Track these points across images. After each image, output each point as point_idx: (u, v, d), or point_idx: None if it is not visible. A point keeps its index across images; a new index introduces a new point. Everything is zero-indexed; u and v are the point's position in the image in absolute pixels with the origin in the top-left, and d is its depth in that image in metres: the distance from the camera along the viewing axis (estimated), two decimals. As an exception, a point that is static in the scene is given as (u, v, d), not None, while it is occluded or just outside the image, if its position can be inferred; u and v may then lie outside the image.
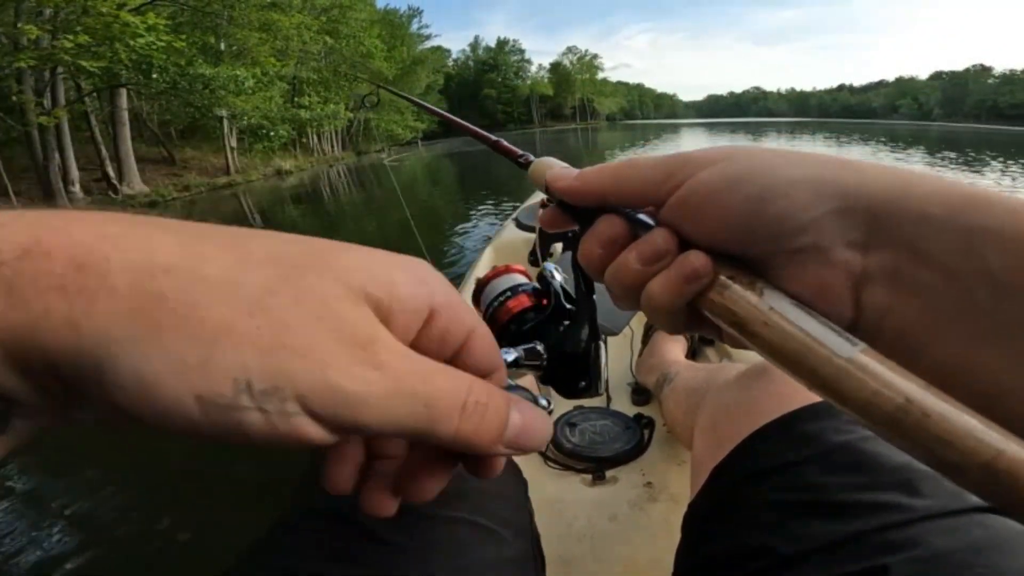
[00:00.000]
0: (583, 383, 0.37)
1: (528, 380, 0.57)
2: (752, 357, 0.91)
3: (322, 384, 0.14)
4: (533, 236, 1.45)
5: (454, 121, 0.45)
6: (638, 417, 0.97)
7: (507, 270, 0.49)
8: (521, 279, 0.47)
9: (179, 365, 0.13)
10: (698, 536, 0.40)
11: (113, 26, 9.64)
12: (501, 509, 0.38)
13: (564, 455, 0.90)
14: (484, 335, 0.20)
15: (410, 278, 0.17)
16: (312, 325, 0.14)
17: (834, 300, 0.19)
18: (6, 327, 0.12)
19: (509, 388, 0.22)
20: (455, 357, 0.19)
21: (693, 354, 1.12)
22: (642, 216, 0.24)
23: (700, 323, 0.23)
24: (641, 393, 1.05)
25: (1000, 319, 0.16)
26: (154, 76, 11.75)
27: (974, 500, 0.29)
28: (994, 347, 0.16)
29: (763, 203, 0.19)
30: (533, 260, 1.48)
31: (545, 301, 0.41)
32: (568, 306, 0.39)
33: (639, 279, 0.22)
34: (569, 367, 0.37)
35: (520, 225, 2.02)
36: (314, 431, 0.14)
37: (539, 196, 1.93)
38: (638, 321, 1.17)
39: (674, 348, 1.04)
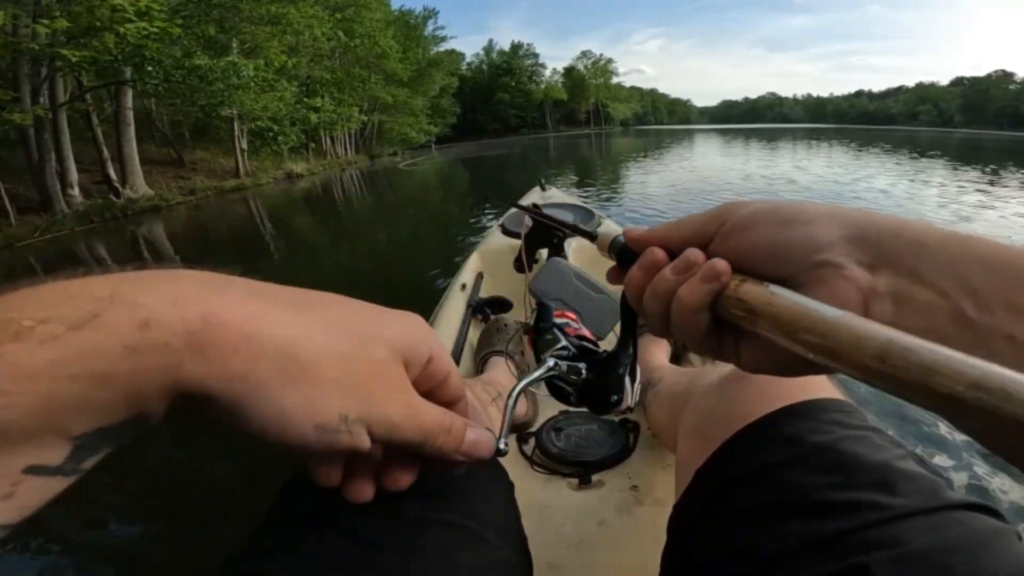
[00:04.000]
0: (615, 397, 0.46)
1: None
2: None
3: (382, 417, 0.23)
4: (519, 242, 1.38)
5: (549, 219, 0.53)
6: (624, 421, 0.97)
7: (562, 315, 0.70)
8: (571, 321, 0.66)
9: (308, 406, 0.21)
10: (683, 539, 0.41)
11: (99, 11, 8.67)
12: (487, 512, 0.37)
13: (550, 459, 0.90)
14: (456, 375, 0.30)
15: (419, 338, 0.27)
16: (377, 380, 0.24)
17: (847, 309, 0.21)
18: (188, 376, 0.18)
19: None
20: (439, 387, 0.29)
21: (677, 359, 1.09)
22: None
23: (719, 338, 0.28)
24: None
25: (985, 330, 0.19)
26: (148, 69, 10.75)
27: (950, 498, 0.30)
28: (982, 350, 0.18)
29: (791, 226, 0.25)
30: (518, 267, 1.38)
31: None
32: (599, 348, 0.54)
33: (671, 287, 0.28)
34: (606, 387, 0.46)
35: (506, 231, 1.94)
36: (367, 442, 0.23)
37: (525, 203, 1.64)
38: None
39: (658, 353, 1.02)
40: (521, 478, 0.86)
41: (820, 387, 0.41)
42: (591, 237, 0.39)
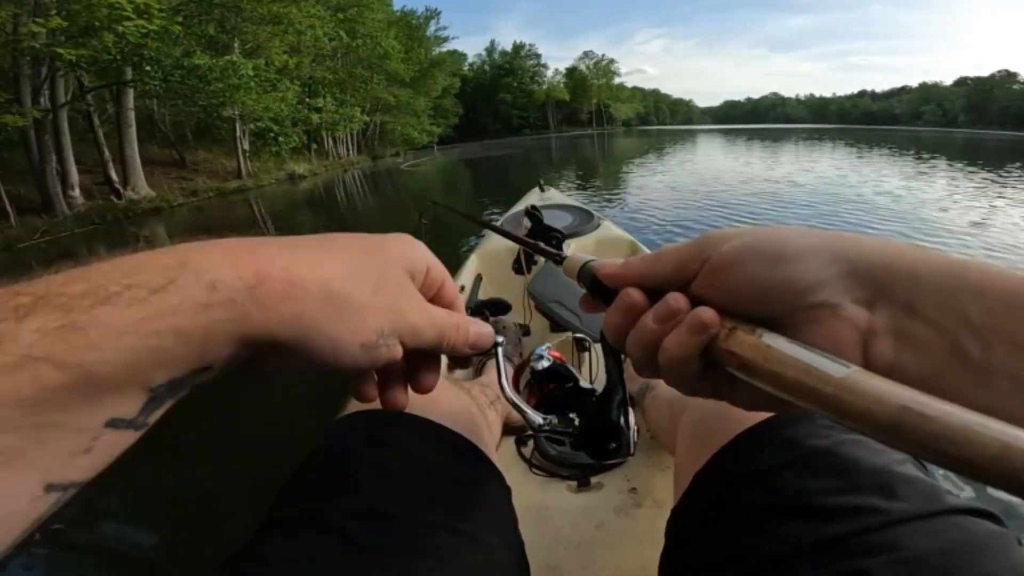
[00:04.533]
0: (614, 445, 0.43)
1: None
2: None
3: (408, 326, 0.27)
4: (517, 245, 1.41)
5: (518, 239, 0.54)
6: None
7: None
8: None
9: (352, 330, 0.24)
10: (681, 542, 0.40)
11: (97, 9, 8.52)
12: (484, 515, 0.38)
13: (549, 462, 0.89)
14: (450, 283, 0.33)
15: (417, 253, 0.30)
16: (397, 295, 0.27)
17: (846, 352, 0.21)
18: (255, 325, 0.21)
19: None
20: (437, 293, 0.32)
21: None
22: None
23: (712, 380, 0.26)
24: None
25: (987, 368, 0.19)
26: (147, 68, 10.66)
27: (949, 502, 0.30)
28: (985, 389, 0.19)
29: (778, 265, 0.23)
30: (517, 269, 1.44)
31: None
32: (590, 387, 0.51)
33: (655, 338, 0.26)
34: (602, 434, 0.43)
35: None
36: (400, 351, 0.27)
37: (523, 205, 1.84)
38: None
39: None
40: (520, 480, 0.88)
41: None
42: (557, 261, 0.38)
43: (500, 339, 0.35)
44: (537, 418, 0.42)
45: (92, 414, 0.17)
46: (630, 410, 0.45)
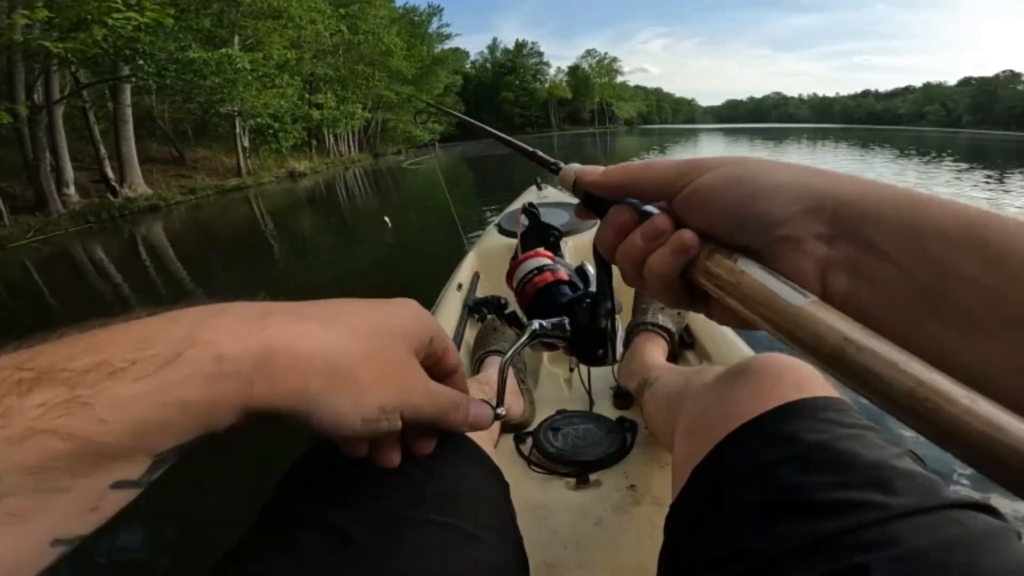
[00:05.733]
0: (601, 351, 0.48)
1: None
2: (729, 359, 0.99)
3: (409, 403, 0.28)
4: (515, 242, 1.14)
5: (502, 138, 0.55)
6: (621, 420, 0.97)
7: (536, 254, 0.64)
8: (547, 261, 0.62)
9: (354, 404, 0.25)
10: (680, 539, 0.40)
11: (86, 1, 8.21)
12: (481, 512, 0.38)
13: (548, 459, 0.89)
14: (452, 348, 0.34)
15: (422, 325, 0.31)
16: (400, 372, 0.28)
17: (806, 282, 0.24)
18: (259, 397, 0.22)
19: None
20: (440, 360, 0.33)
21: (674, 357, 1.10)
22: (647, 207, 0.31)
23: (691, 297, 0.30)
24: (623, 397, 1.05)
25: (942, 300, 0.20)
26: (140, 63, 10.29)
27: (948, 497, 0.30)
28: (940, 323, 0.20)
29: (753, 200, 0.25)
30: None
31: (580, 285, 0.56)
32: (591, 289, 0.53)
33: (642, 254, 0.30)
34: (591, 339, 0.48)
35: (502, 231, 1.98)
36: (399, 424, 0.28)
37: (521, 202, 1.81)
38: (619, 325, 1.06)
39: (655, 352, 1.03)
40: (518, 478, 0.87)
41: (816, 386, 0.40)
42: (554, 170, 0.40)
43: (501, 411, 0.38)
44: (535, 323, 0.46)
45: (98, 478, 0.18)
46: (616, 318, 0.48)
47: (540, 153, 0.44)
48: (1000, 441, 0.15)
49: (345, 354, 0.25)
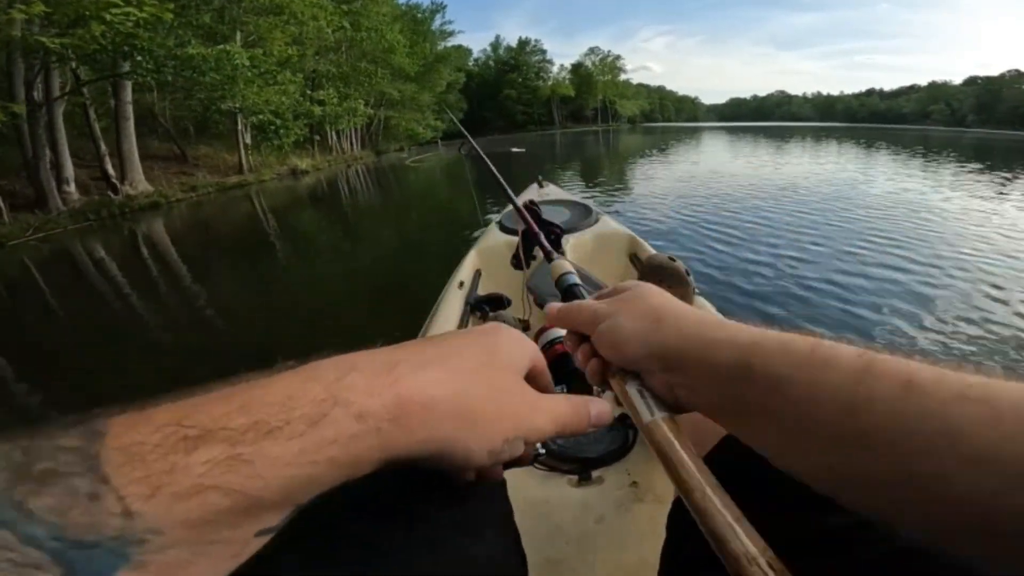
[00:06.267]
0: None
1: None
2: None
3: (531, 428, 0.30)
4: (516, 239, 1.40)
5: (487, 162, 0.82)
6: (623, 418, 0.96)
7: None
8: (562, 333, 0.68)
9: (481, 440, 0.27)
10: (682, 535, 0.41)
11: None
12: (478, 507, 0.38)
13: (550, 456, 0.89)
14: (544, 368, 0.37)
15: (524, 351, 0.34)
16: (518, 400, 0.31)
17: (666, 396, 0.34)
18: (397, 447, 0.24)
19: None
20: (537, 376, 0.36)
21: None
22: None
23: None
24: None
25: (729, 402, 0.30)
26: (139, 59, 10.18)
27: None
28: (731, 419, 0.31)
29: (621, 347, 0.36)
30: (516, 264, 1.43)
31: None
32: None
33: (583, 363, 0.41)
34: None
35: (504, 228, 2.02)
36: (522, 449, 0.30)
37: (522, 200, 1.79)
38: None
39: None
40: (521, 475, 0.87)
41: None
42: (549, 258, 0.56)
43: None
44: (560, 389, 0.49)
45: (247, 528, 0.20)
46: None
47: (543, 240, 0.58)
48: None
49: (469, 395, 0.27)
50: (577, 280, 0.59)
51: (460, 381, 0.28)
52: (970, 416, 0.20)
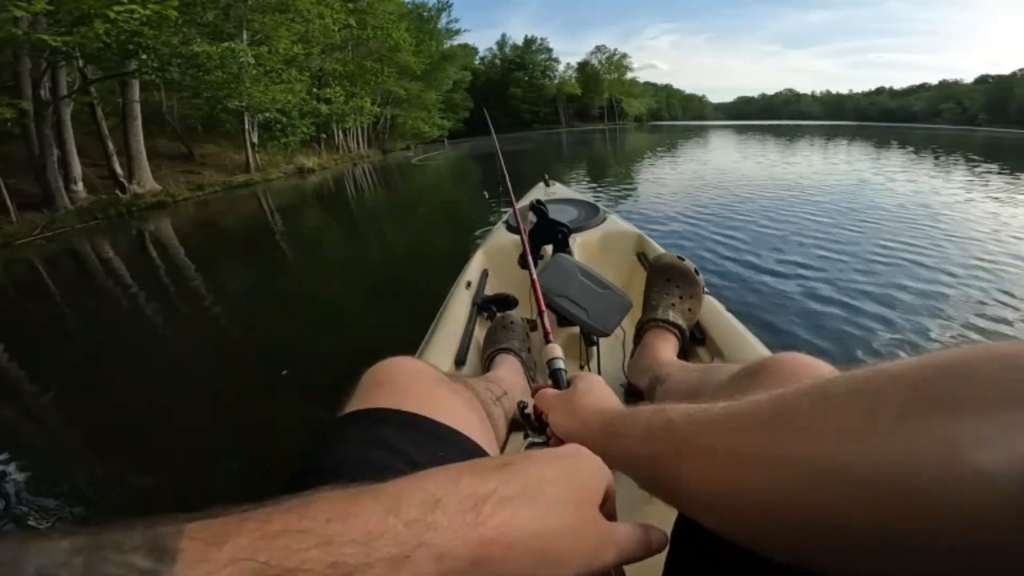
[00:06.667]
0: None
1: None
2: (741, 355, 1.01)
3: (602, 563, 0.30)
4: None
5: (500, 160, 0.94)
6: None
7: None
8: None
9: (550, 575, 0.27)
10: (689, 539, 0.41)
11: None
12: None
13: None
14: (613, 493, 0.36)
15: (604, 480, 0.34)
16: (592, 537, 0.30)
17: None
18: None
19: None
20: (606, 501, 0.35)
21: (684, 354, 1.11)
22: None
23: None
24: (634, 394, 1.06)
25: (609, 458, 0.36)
26: (143, 57, 10.17)
27: None
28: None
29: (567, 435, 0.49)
30: (523, 263, 1.32)
31: None
32: None
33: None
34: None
35: (510, 228, 2.02)
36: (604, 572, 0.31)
37: (528, 200, 1.87)
38: (629, 321, 1.18)
39: (666, 348, 1.05)
40: None
41: None
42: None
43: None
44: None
45: None
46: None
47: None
48: None
49: (549, 533, 0.27)
50: (561, 365, 0.68)
51: (544, 520, 0.28)
52: (660, 451, 0.35)
